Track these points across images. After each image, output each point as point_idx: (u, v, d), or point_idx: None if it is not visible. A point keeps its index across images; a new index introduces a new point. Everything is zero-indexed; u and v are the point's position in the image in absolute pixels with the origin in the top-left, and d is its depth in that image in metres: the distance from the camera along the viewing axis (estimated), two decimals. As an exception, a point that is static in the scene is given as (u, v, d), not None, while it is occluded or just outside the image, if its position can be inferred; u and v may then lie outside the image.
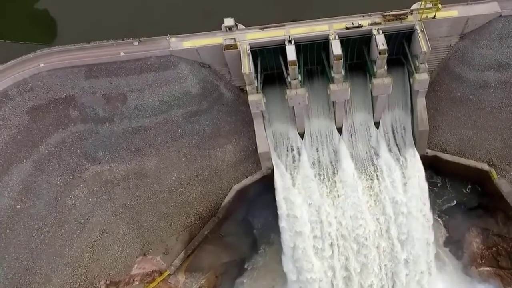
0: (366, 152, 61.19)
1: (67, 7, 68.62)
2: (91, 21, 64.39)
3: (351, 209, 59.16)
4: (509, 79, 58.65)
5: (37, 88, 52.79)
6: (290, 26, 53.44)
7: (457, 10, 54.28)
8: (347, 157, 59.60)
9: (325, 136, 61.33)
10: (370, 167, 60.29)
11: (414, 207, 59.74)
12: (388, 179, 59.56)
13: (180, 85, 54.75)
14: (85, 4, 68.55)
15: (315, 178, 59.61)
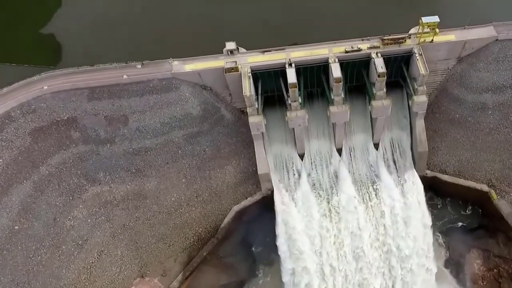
0: (366, 173, 61.91)
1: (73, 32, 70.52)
2: (95, 45, 66.27)
3: (351, 229, 59.55)
4: (507, 101, 60.07)
5: (40, 109, 53.69)
6: (291, 50, 54.94)
7: (454, 34, 56.02)
8: (347, 178, 60.32)
9: (325, 158, 62.05)
10: (370, 188, 60.91)
11: (414, 228, 60.16)
12: (388, 200, 60.20)
13: (181, 107, 55.76)
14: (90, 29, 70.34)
15: (315, 199, 60.18)
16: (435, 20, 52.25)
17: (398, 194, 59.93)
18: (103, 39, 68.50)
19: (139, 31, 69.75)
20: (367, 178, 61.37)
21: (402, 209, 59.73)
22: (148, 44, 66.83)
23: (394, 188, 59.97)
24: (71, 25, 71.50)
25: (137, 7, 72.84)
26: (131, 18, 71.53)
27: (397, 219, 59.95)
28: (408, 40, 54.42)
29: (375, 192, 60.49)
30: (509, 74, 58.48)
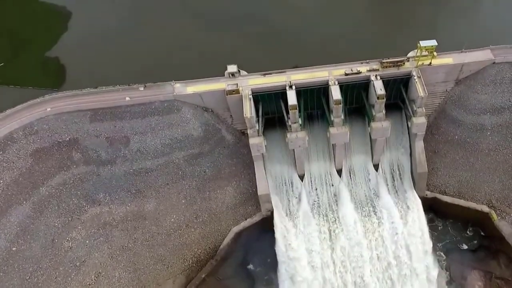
0: (366, 194, 62.54)
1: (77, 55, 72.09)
2: (99, 68, 67.86)
3: (351, 250, 59.81)
4: (505, 123, 61.23)
5: (42, 131, 54.59)
6: (291, 72, 56.22)
7: (452, 57, 57.39)
8: (347, 199, 60.92)
9: (324, 178, 62.72)
10: (370, 209, 61.37)
11: (415, 249, 60.37)
12: (388, 221, 60.63)
13: (182, 128, 56.63)
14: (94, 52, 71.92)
15: (315, 221, 60.57)
16: (433, 43, 53.61)
17: (398, 215, 60.36)
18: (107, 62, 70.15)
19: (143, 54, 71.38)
20: (367, 199, 61.92)
21: (403, 230, 60.03)
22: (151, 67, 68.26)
23: (394, 209, 60.45)
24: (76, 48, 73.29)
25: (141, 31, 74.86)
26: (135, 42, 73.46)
27: (397, 240, 60.13)
28: (407, 63, 55.75)
29: (375, 213, 60.94)
30: (507, 96, 59.68)
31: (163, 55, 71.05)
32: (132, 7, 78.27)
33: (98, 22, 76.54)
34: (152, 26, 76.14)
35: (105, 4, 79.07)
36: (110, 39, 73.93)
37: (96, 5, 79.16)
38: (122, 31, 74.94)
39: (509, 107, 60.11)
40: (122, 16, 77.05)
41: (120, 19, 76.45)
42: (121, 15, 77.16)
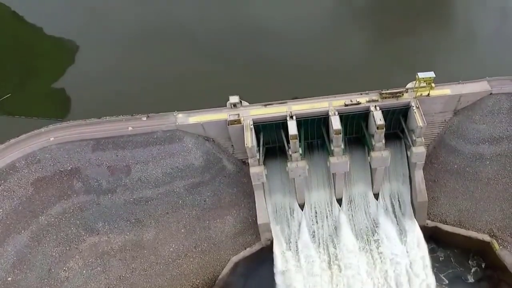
0: (366, 224, 62.61)
1: (82, 86, 73.25)
2: (103, 99, 68.78)
3: (351, 281, 59.24)
4: (504, 152, 61.78)
5: (45, 160, 55.03)
6: (292, 103, 57.17)
7: (449, 88, 58.53)
8: (347, 228, 60.84)
9: (325, 208, 62.82)
10: (370, 239, 61.34)
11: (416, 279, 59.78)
12: (389, 250, 60.48)
13: (184, 157, 57.07)
14: (99, 83, 73.02)
15: (315, 250, 60.30)
16: (431, 75, 54.88)
17: (399, 244, 60.32)
18: (112, 93, 71.34)
19: (147, 85, 72.62)
20: (367, 228, 61.92)
21: (403, 259, 59.92)
22: (155, 98, 69.46)
23: (394, 239, 60.49)
24: (81, 79, 74.67)
25: (146, 64, 76.19)
26: (139, 73, 74.63)
27: (398, 270, 59.77)
28: (406, 94, 56.88)
29: (376, 243, 60.92)
30: (504, 126, 60.52)
31: (166, 86, 72.24)
32: (137, 40, 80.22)
33: (104, 55, 78.27)
34: (157, 58, 77.69)
35: (111, 37, 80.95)
36: (115, 71, 75.26)
37: (102, 39, 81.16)
38: (127, 63, 76.45)
39: (507, 137, 60.86)
40: (127, 48, 78.88)
41: (125, 51, 78.25)
42: (126, 48, 79.02)
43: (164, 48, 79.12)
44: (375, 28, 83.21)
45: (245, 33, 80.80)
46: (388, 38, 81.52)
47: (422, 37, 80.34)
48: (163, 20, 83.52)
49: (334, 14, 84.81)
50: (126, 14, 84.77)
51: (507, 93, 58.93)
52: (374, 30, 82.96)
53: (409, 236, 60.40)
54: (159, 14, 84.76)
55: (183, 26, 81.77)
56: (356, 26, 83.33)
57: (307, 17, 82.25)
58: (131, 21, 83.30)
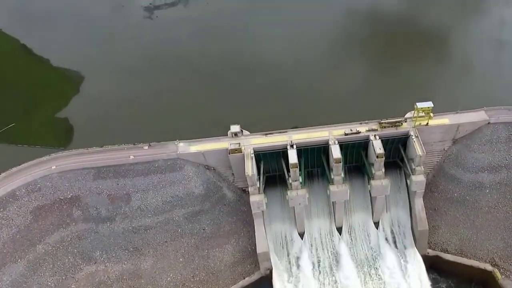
0: (366, 253, 60.50)
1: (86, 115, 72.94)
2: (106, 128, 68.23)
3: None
4: (503, 181, 60.28)
5: (45, 188, 53.81)
6: (292, 132, 56.46)
7: (448, 118, 57.90)
8: (348, 258, 58.87)
9: (325, 236, 60.88)
10: (370, 269, 59.12)
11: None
12: (390, 280, 58.20)
13: (184, 186, 55.77)
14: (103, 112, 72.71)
15: (314, 280, 58.03)
16: (429, 105, 54.38)
17: (399, 274, 58.20)
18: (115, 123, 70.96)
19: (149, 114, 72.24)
20: (367, 257, 59.83)
21: (405, 290, 57.20)
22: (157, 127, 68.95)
23: (395, 268, 58.40)
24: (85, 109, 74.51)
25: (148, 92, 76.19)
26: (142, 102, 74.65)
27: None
28: (404, 123, 56.23)
29: (376, 272, 58.76)
30: (503, 155, 59.37)
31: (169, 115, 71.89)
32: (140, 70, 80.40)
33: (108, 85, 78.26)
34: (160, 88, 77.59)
35: (116, 68, 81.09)
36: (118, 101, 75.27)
37: (107, 70, 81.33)
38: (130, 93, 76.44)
39: (506, 165, 59.62)
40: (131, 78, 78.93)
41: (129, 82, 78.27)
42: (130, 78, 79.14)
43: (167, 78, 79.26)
44: (374, 59, 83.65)
45: (246, 64, 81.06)
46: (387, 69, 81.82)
47: (420, 68, 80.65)
48: (166, 52, 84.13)
49: (334, 45, 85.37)
50: (130, 45, 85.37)
51: (505, 122, 58.32)
52: (373, 61, 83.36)
53: (410, 265, 58.32)
54: (162, 46, 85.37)
55: (186, 57, 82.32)
56: (356, 57, 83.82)
57: (307, 48, 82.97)
58: (135, 52, 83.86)
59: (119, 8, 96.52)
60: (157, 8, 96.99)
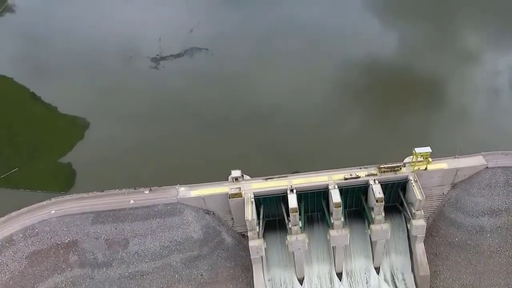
0: (367, 300, 55.82)
1: (89, 160, 70.49)
2: (108, 172, 66.09)
3: None
4: (504, 225, 57.02)
5: (43, 233, 50.85)
6: (293, 177, 54.32)
7: (446, 162, 55.82)
8: (349, 305, 54.10)
9: (324, 282, 56.95)
10: (372, 316, 54.44)
11: None
12: (392, 328, 53.26)
13: (183, 230, 52.72)
14: (105, 157, 70.16)
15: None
16: (427, 150, 52.65)
17: (402, 322, 53.25)
18: (117, 167, 68.39)
19: (151, 159, 69.90)
20: (369, 304, 55.32)
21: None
22: (158, 171, 66.55)
23: (398, 316, 53.64)
24: (88, 154, 72.17)
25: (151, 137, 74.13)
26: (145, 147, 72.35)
27: None
28: (404, 168, 54.34)
29: (378, 320, 53.92)
30: (502, 199, 56.63)
31: (171, 160, 69.44)
32: (144, 116, 79.18)
33: (112, 131, 76.15)
34: (162, 133, 75.59)
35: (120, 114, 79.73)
36: (121, 146, 72.87)
37: (112, 116, 79.74)
38: (134, 138, 74.41)
39: (506, 209, 56.73)
40: (135, 124, 77.51)
41: (132, 127, 76.80)
42: (133, 123, 77.63)
43: (171, 124, 77.58)
44: (373, 106, 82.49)
45: (248, 111, 79.78)
46: (385, 115, 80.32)
47: (418, 114, 79.51)
48: (171, 99, 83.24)
49: (334, 93, 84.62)
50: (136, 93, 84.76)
51: (503, 167, 56.23)
52: (371, 108, 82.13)
53: (413, 313, 53.91)
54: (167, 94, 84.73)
55: (190, 105, 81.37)
56: (355, 104, 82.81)
57: (307, 96, 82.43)
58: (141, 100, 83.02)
59: (127, 59, 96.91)
60: (164, 59, 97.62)
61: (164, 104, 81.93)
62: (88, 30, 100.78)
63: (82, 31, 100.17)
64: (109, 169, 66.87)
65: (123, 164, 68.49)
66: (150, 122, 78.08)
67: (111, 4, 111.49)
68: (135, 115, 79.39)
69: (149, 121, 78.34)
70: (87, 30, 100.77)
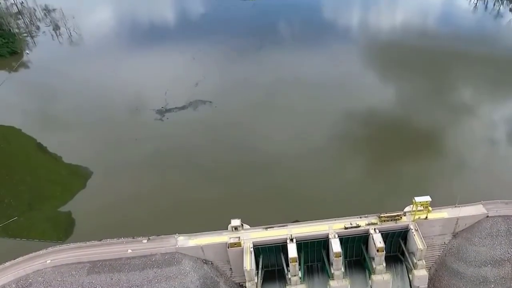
0: None
1: (89, 209, 67.84)
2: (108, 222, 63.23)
3: None
4: (508, 275, 53.58)
5: (36, 283, 47.26)
6: (293, 226, 51.90)
7: (446, 211, 53.63)
8: None
9: (325, 337, 52.04)
10: None
11: None
12: None
13: (180, 281, 49.22)
14: (106, 207, 67.54)
15: None
16: (427, 199, 50.96)
17: None
18: (116, 216, 65.37)
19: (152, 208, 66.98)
20: None
21: None
22: (159, 220, 63.34)
23: None
24: (89, 203, 69.57)
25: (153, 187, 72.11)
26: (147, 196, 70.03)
27: None
28: (404, 217, 52.22)
29: None
30: (504, 248, 53.82)
31: (171, 209, 66.56)
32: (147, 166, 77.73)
33: (114, 180, 74.36)
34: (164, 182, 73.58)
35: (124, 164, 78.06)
36: (123, 195, 70.49)
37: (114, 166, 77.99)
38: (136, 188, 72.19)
39: (509, 259, 53.67)
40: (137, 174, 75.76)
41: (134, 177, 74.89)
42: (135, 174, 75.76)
43: (172, 174, 75.66)
44: (373, 154, 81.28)
45: (249, 161, 78.34)
46: (385, 164, 78.94)
47: (417, 164, 78.08)
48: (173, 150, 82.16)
49: (334, 144, 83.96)
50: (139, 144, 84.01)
51: (503, 215, 54.00)
52: (371, 156, 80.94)
53: None
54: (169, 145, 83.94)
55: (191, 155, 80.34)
56: (355, 152, 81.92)
57: (307, 147, 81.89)
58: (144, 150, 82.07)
59: (133, 111, 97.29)
60: (168, 111, 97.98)
61: (166, 153, 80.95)
62: (98, 85, 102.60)
63: (91, 86, 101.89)
64: (108, 218, 64.04)
65: (123, 213, 65.72)
66: (152, 171, 76.53)
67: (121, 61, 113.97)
68: (137, 164, 78.11)
69: (151, 170, 76.84)
70: (97, 85, 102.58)
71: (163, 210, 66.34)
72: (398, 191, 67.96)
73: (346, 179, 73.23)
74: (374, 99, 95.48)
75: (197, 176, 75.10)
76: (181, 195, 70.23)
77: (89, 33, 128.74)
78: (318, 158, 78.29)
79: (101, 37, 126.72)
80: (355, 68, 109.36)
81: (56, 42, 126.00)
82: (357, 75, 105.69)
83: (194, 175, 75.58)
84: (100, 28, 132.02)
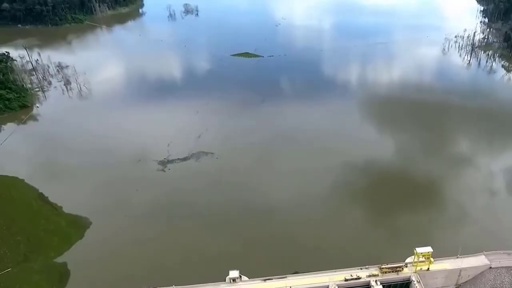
0: None
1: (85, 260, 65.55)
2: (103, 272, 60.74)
3: None
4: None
5: None
6: (292, 278, 49.58)
7: (448, 262, 51.59)
8: None
9: None
10: None
11: None
12: None
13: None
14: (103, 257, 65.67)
15: None
16: (428, 250, 49.10)
17: None
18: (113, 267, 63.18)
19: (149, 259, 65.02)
20: None
21: None
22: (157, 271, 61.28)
23: None
24: (85, 254, 67.51)
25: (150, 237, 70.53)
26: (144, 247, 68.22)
27: None
28: (405, 268, 50.12)
29: None
30: (510, 304, 50.49)
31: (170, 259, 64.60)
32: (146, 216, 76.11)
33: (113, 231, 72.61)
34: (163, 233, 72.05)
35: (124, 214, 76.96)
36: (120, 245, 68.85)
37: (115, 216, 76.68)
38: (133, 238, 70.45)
39: (517, 314, 50.25)
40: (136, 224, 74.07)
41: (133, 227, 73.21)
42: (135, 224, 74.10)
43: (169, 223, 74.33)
44: (374, 206, 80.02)
45: (249, 211, 76.98)
46: (385, 215, 77.46)
47: (418, 215, 76.75)
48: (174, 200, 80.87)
49: (334, 194, 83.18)
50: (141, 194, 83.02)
51: (506, 266, 51.59)
52: (371, 208, 79.64)
53: None
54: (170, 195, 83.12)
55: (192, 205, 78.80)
56: (354, 204, 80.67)
57: (307, 197, 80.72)
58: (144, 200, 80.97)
59: (135, 162, 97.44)
60: (170, 162, 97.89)
61: (165, 204, 79.60)
62: (103, 137, 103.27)
63: (96, 138, 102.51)
64: (105, 269, 61.49)
65: (120, 264, 63.31)
66: (150, 222, 74.77)
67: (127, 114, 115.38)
68: (137, 215, 76.47)
69: (149, 220, 75.11)
70: (102, 136, 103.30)
71: (160, 261, 63.74)
72: (399, 241, 65.85)
73: (347, 230, 71.26)
74: (375, 151, 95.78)
75: (196, 226, 73.21)
76: (179, 246, 68.05)
77: (98, 87, 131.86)
78: (318, 208, 76.87)
79: (109, 92, 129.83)
80: (355, 121, 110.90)
81: (66, 96, 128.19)
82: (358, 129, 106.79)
83: (193, 225, 73.65)
84: (109, 83, 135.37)
